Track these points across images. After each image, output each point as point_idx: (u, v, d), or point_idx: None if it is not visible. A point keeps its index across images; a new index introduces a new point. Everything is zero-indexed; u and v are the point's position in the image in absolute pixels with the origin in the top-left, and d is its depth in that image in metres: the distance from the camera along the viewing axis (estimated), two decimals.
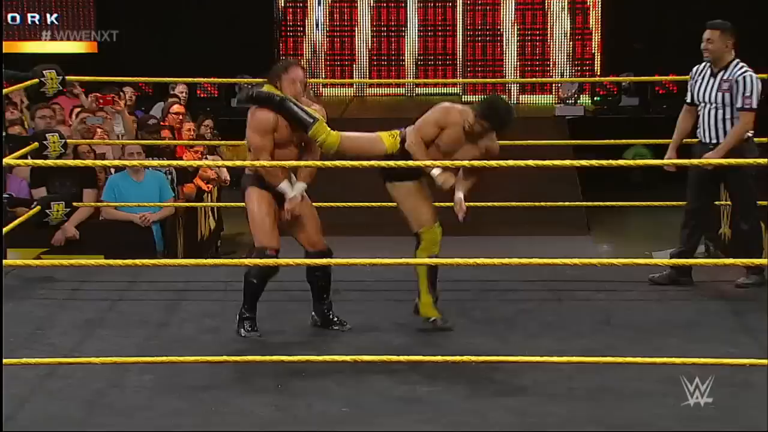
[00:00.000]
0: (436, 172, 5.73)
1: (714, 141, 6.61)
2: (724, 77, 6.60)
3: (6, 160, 6.39)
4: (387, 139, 5.86)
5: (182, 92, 10.85)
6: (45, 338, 5.88)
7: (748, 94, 6.54)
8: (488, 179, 7.99)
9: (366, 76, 14.33)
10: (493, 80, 14.17)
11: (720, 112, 6.61)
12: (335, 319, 5.90)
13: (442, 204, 6.01)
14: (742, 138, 6.55)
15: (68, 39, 13.44)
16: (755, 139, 6.73)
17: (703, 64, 6.72)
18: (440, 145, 5.80)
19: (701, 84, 6.70)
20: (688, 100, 6.82)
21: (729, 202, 7.12)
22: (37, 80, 7.07)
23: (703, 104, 6.68)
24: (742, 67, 6.61)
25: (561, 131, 12.05)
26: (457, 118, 5.81)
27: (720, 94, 6.59)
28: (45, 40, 13.42)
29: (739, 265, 6.60)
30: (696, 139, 6.77)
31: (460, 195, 5.84)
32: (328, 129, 5.66)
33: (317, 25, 14.47)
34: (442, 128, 5.81)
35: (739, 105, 6.55)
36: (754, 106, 6.55)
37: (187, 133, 9.57)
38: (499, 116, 5.79)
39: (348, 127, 5.95)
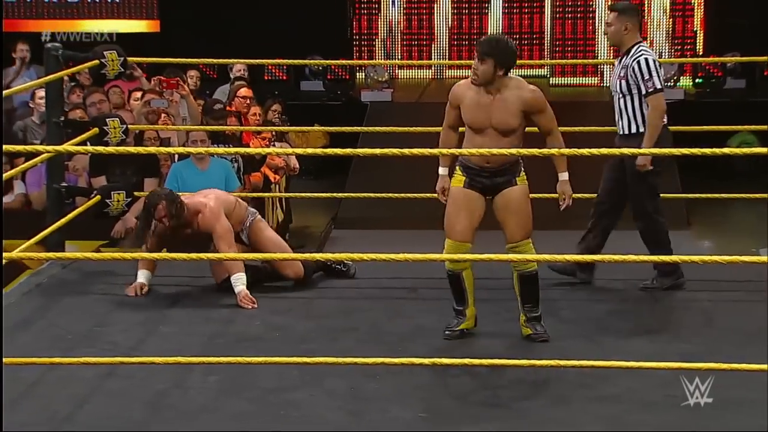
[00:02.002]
0: (442, 171, 5.84)
1: (625, 132, 6.64)
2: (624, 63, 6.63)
3: (64, 147, 6.52)
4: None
5: (240, 71, 10.81)
6: (105, 336, 5.96)
7: (647, 77, 6.48)
8: (579, 169, 7.97)
9: (445, 57, 14.33)
10: (584, 61, 14.11)
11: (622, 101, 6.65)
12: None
13: None
14: (660, 123, 6.54)
15: (129, 17, 13.58)
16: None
17: None
18: (470, 125, 5.75)
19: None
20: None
21: None
22: (97, 61, 7.15)
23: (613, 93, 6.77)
24: (639, 52, 6.56)
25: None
26: (464, 84, 5.80)
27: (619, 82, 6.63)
28: (105, 18, 13.56)
29: None
30: None
31: (564, 177, 5.85)
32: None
33: (393, 2, 14.49)
34: (457, 105, 5.80)
35: (643, 91, 6.49)
36: (658, 86, 6.53)
37: (253, 118, 9.61)
38: (500, 47, 5.66)
39: (426, 111, 6.00)
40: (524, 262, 5.61)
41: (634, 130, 6.60)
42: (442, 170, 5.84)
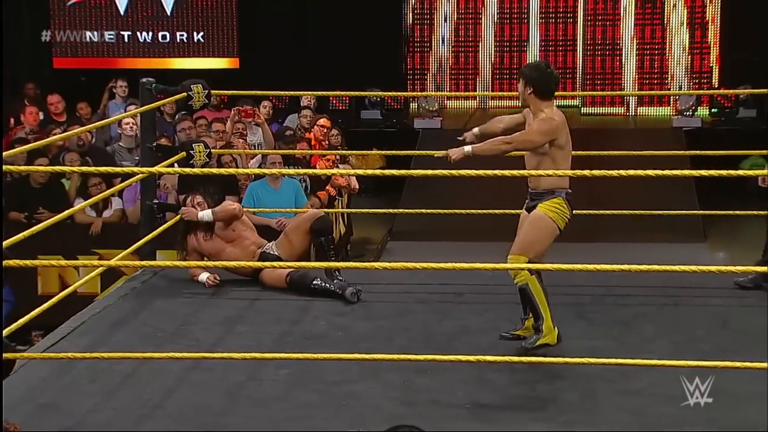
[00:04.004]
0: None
1: None
2: None
3: (156, 168, 6.58)
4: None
5: (310, 102, 10.87)
6: (189, 334, 6.00)
7: None
8: (606, 190, 7.92)
9: (489, 89, 14.30)
10: (612, 93, 14.03)
11: None
12: None
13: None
14: None
15: (213, 55, 13.69)
16: None
17: None
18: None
19: None
20: None
21: None
22: (185, 94, 7.21)
23: None
24: None
25: (678, 142, 11.87)
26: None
27: None
28: (192, 56, 13.68)
29: None
30: None
31: (468, 149, 5.55)
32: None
33: (443, 41, 14.49)
34: (523, 122, 5.65)
35: None
36: None
37: (333, 139, 9.67)
38: (530, 68, 5.58)
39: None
40: (516, 276, 5.42)
41: None
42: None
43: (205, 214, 6.79)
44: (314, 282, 6.53)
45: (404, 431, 2.76)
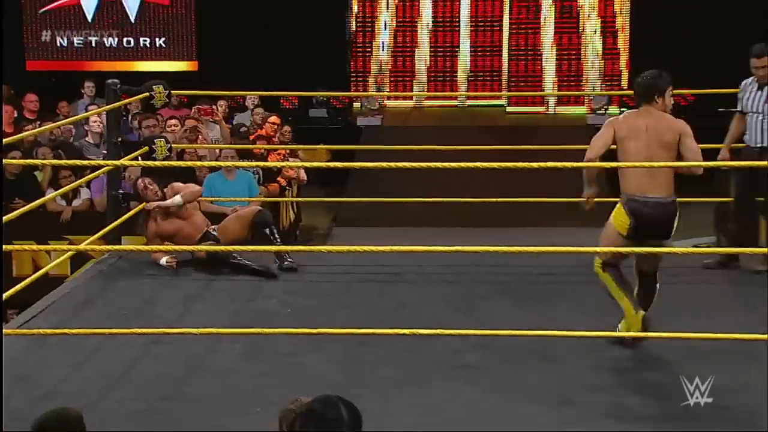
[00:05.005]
0: None
1: (760, 144, 6.49)
2: None
3: (121, 161, 6.53)
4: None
5: (253, 101, 10.93)
6: (152, 311, 5.97)
7: None
8: (531, 180, 7.94)
9: (424, 90, 14.32)
10: (534, 93, 14.10)
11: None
12: None
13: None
14: None
15: (173, 59, 13.58)
16: None
17: (751, 78, 6.59)
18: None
19: (750, 96, 6.60)
20: (739, 108, 6.70)
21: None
22: (147, 94, 7.16)
23: (751, 113, 6.58)
24: None
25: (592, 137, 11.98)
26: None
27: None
28: (154, 60, 13.57)
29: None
30: (743, 144, 6.63)
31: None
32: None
33: (383, 46, 14.49)
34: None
35: None
36: None
37: (282, 137, 9.66)
38: (637, 82, 5.30)
39: (409, 134, 5.98)
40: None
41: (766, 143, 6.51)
42: None
43: (176, 200, 6.75)
44: (234, 258, 6.58)
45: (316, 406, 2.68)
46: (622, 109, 13.24)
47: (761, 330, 5.07)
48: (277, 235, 6.90)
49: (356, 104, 13.84)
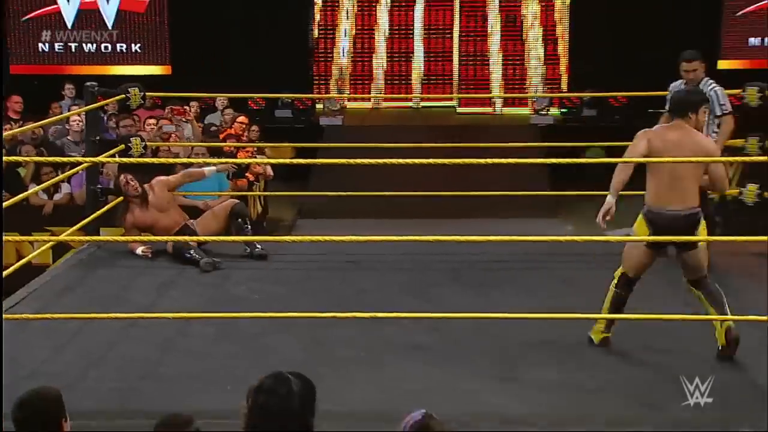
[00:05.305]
0: None
1: None
2: None
3: (99, 158, 6.46)
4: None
5: (222, 102, 10.89)
6: (129, 297, 5.92)
7: (722, 102, 6.48)
8: (478, 175, 7.96)
9: (381, 93, 14.32)
10: (482, 95, 14.14)
11: None
12: None
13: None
14: (730, 136, 6.45)
15: (148, 63, 13.46)
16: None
17: (679, 81, 6.64)
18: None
19: None
20: (667, 108, 6.73)
21: None
22: (123, 95, 7.11)
23: None
24: (711, 83, 6.55)
25: (535, 136, 12.03)
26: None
27: None
28: (130, 64, 13.44)
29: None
30: None
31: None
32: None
33: (343, 52, 14.45)
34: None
35: (719, 112, 6.47)
36: (731, 109, 6.46)
37: (252, 134, 9.63)
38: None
39: (368, 133, 5.97)
40: None
41: None
42: None
43: (211, 169, 7.22)
44: (188, 253, 6.55)
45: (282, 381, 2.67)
46: (561, 110, 13.34)
47: (688, 311, 5.16)
48: (249, 225, 6.99)
49: (319, 105, 13.79)
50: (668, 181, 4.77)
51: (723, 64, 12.35)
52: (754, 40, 12.79)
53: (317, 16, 14.32)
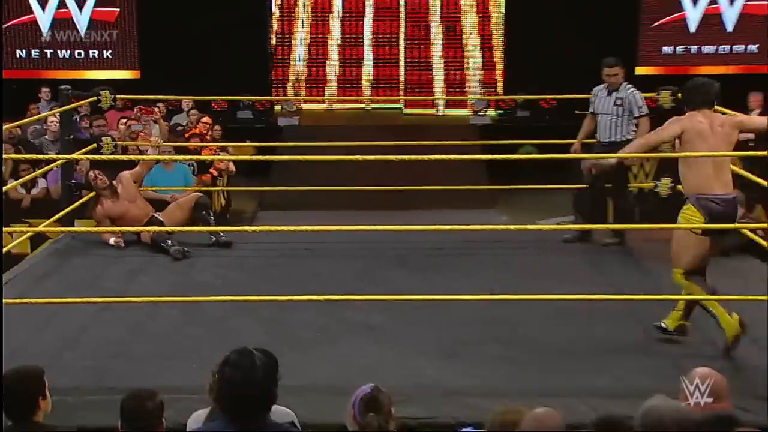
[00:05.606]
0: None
1: (608, 140, 6.55)
2: (618, 95, 6.59)
3: (73, 156, 6.38)
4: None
5: (188, 104, 10.78)
6: (101, 283, 5.85)
7: (640, 105, 6.55)
8: (423, 171, 7.98)
9: (334, 95, 14.26)
10: (426, 98, 14.14)
11: (616, 119, 6.56)
12: None
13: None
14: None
15: (118, 68, 13.29)
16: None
17: (601, 85, 6.69)
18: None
19: (601, 100, 6.66)
20: (591, 111, 6.78)
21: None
22: (95, 98, 7.03)
23: (601, 114, 6.64)
24: (630, 87, 6.62)
25: (474, 135, 12.05)
26: None
27: (616, 108, 6.59)
28: (102, 69, 13.26)
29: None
30: (594, 140, 6.71)
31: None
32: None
33: (299, 58, 14.37)
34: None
35: (636, 114, 6.53)
36: (647, 111, 6.53)
37: (215, 133, 9.53)
38: (684, 93, 4.79)
39: (322, 132, 5.92)
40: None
41: (614, 138, 6.49)
42: None
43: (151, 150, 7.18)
44: (163, 242, 6.50)
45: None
46: (497, 112, 13.39)
47: (610, 291, 5.22)
48: (212, 216, 6.98)
49: (277, 107, 13.69)
50: (712, 168, 4.53)
51: (640, 70, 12.48)
52: (667, 49, 12.99)
53: (275, 26, 14.22)
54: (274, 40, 14.22)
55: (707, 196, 4.55)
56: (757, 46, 12.78)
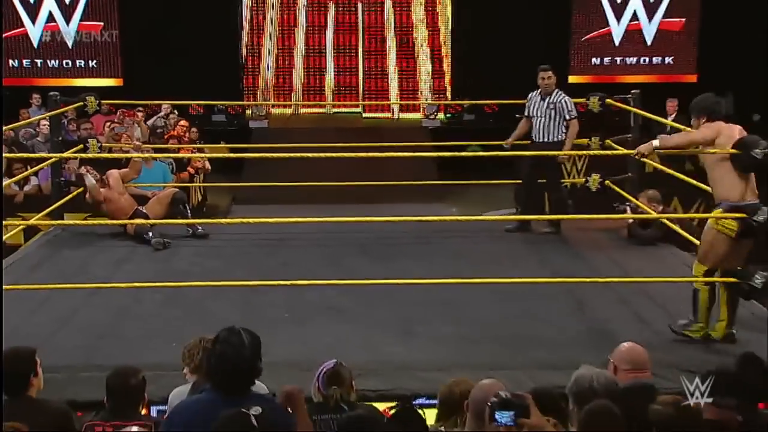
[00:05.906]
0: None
1: (541, 140, 6.58)
2: (551, 100, 6.63)
3: (62, 155, 6.26)
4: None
5: (167, 108, 10.62)
6: (89, 270, 5.77)
7: (570, 109, 6.59)
8: (382, 168, 7.95)
9: (300, 101, 14.19)
10: (382, 102, 14.13)
11: (549, 122, 6.58)
12: None
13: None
14: (576, 136, 6.56)
15: (103, 77, 13.10)
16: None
17: (535, 91, 6.72)
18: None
19: (535, 104, 6.66)
20: (526, 114, 6.81)
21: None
22: (81, 103, 6.95)
23: (535, 117, 6.66)
24: (561, 93, 6.66)
25: (426, 136, 12.07)
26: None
27: (549, 111, 6.61)
28: (88, 77, 13.07)
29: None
30: (529, 141, 6.73)
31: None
32: None
33: (268, 67, 14.27)
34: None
35: (567, 117, 6.57)
36: (576, 115, 6.58)
37: (192, 135, 9.44)
38: (696, 104, 4.47)
39: (289, 134, 5.88)
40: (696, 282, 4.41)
41: (548, 139, 6.51)
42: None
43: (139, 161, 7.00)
44: (146, 234, 6.43)
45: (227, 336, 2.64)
46: (446, 115, 13.42)
47: (548, 274, 5.25)
48: (188, 210, 6.94)
49: (248, 111, 13.58)
50: (746, 176, 4.29)
51: (572, 79, 12.62)
52: (595, 60, 13.16)
53: (246, 39, 14.13)
54: (245, 51, 14.12)
55: (743, 205, 4.27)
56: (672, 58, 13.01)
